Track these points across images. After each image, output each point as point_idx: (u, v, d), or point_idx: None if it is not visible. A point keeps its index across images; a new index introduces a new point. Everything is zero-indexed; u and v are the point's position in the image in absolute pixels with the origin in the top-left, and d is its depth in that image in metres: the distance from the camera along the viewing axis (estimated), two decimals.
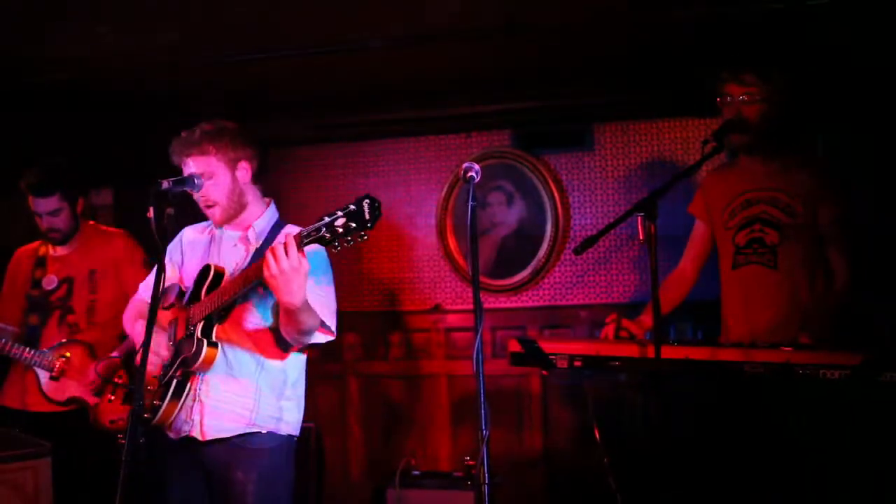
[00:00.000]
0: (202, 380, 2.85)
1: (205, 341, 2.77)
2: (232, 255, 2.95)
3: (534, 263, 4.78)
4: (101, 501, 2.97)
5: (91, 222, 4.16)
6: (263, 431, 2.87)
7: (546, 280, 4.80)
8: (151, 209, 2.67)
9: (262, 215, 2.98)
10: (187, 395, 2.84)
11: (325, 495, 4.78)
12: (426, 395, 4.94)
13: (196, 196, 2.89)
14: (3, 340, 3.79)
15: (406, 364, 4.97)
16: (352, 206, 2.40)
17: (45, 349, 3.84)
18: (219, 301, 2.75)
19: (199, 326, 2.79)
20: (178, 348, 2.85)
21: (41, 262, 4.01)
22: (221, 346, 2.82)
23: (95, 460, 3.74)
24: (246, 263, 2.88)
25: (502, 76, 4.42)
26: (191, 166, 2.88)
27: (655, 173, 4.61)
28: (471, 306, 4.86)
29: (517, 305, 4.84)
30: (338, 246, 2.45)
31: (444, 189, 4.90)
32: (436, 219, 4.93)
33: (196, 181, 2.83)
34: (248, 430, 2.85)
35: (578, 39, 3.88)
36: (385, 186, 5.02)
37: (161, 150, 4.70)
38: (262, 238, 2.92)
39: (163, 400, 2.81)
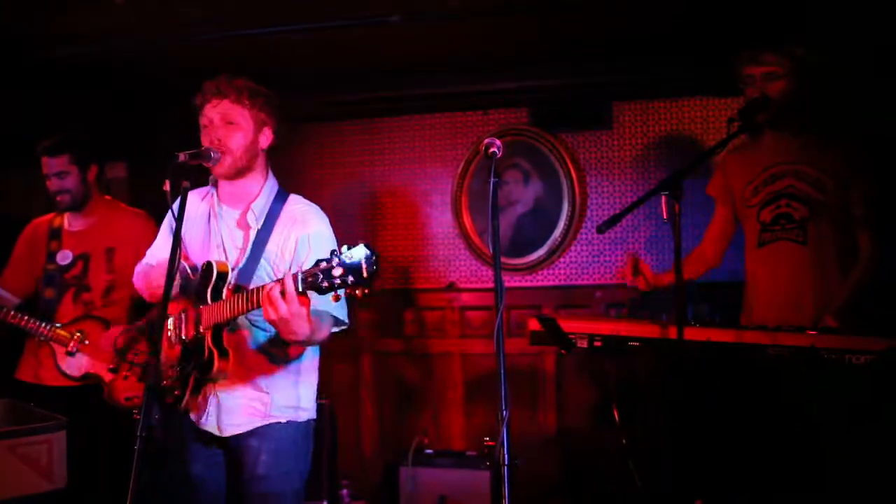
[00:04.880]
0: None
1: (216, 353, 2.73)
2: (232, 239, 2.89)
3: (550, 243, 4.75)
4: (115, 476, 2.95)
5: (108, 197, 4.12)
6: (283, 421, 2.87)
7: (562, 259, 4.76)
8: (167, 182, 2.63)
9: (260, 193, 2.90)
10: (204, 391, 2.84)
11: (338, 472, 4.77)
12: (440, 374, 4.93)
13: (211, 138, 2.81)
14: (21, 315, 3.76)
15: (420, 342, 4.96)
16: (350, 256, 2.32)
17: (60, 324, 3.83)
18: (225, 314, 2.70)
19: (209, 335, 2.74)
20: (189, 346, 2.82)
21: (56, 235, 3.98)
22: (232, 349, 2.78)
23: (110, 435, 3.74)
24: (249, 248, 2.84)
25: (521, 53, 4.38)
26: (222, 111, 2.82)
27: (674, 153, 4.56)
28: (485, 285, 4.88)
29: (532, 285, 4.81)
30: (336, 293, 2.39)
31: (461, 166, 4.86)
32: (451, 196, 4.90)
33: (212, 154, 2.78)
34: (265, 423, 2.85)
35: (598, 16, 3.82)
36: (400, 163, 4.99)
37: (175, 125, 4.66)
38: (263, 218, 2.86)
39: (183, 391, 2.81)
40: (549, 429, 4.69)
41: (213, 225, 2.93)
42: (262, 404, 2.84)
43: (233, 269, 2.81)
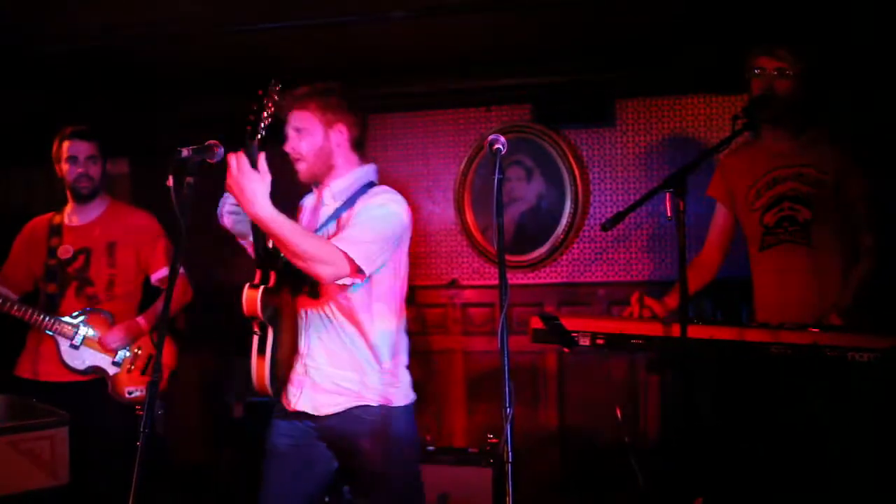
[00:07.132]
0: (308, 355, 2.87)
1: (247, 284, 2.80)
2: (313, 220, 2.94)
3: (552, 240, 4.74)
4: (118, 471, 2.95)
5: (108, 195, 4.12)
6: (374, 405, 2.84)
7: (564, 257, 4.76)
8: (171, 178, 2.63)
9: (343, 177, 2.90)
10: (288, 366, 2.89)
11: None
12: (441, 371, 4.92)
13: (287, 148, 2.87)
14: (26, 308, 3.77)
15: (422, 339, 4.94)
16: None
17: (64, 317, 3.83)
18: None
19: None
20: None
21: (56, 231, 3.98)
22: (317, 320, 2.85)
23: (109, 431, 3.74)
24: (321, 225, 2.86)
25: (524, 50, 4.37)
26: (292, 121, 2.88)
27: (677, 150, 4.56)
28: (488, 282, 4.88)
29: (534, 282, 4.81)
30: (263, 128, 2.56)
31: (463, 163, 4.86)
32: (454, 193, 4.89)
33: (217, 150, 2.77)
34: (359, 404, 2.83)
35: (601, 13, 3.81)
36: (403, 159, 4.99)
37: (175, 123, 4.66)
38: (342, 200, 2.87)
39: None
40: (551, 426, 4.68)
41: (315, 211, 2.97)
42: (353, 384, 2.87)
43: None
